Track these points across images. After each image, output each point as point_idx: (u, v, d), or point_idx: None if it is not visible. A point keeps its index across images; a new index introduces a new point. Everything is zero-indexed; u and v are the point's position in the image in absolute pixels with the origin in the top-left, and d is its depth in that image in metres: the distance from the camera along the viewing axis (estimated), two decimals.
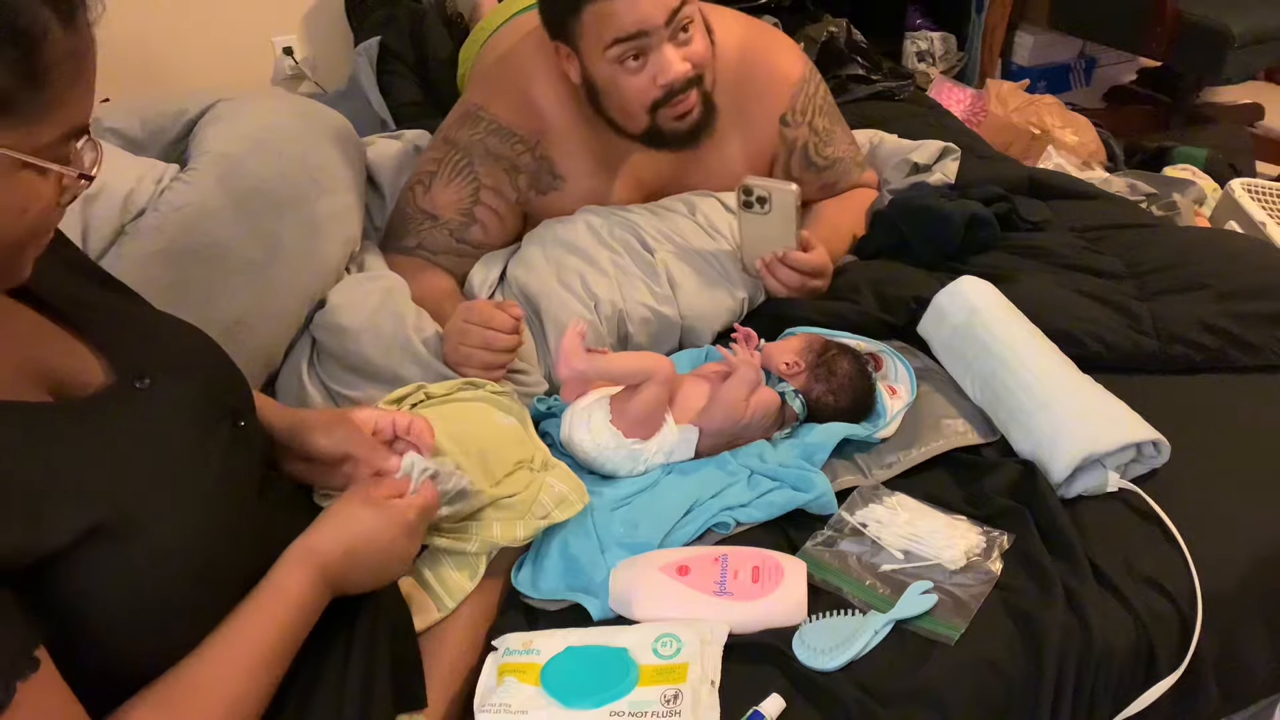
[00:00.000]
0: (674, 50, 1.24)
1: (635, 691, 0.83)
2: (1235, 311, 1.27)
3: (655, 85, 1.25)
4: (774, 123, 1.45)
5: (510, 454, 0.99)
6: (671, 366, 1.11)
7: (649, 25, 1.21)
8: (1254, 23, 2.52)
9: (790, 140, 1.46)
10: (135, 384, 0.73)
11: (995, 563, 0.98)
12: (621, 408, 1.08)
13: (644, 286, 1.30)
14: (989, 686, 0.90)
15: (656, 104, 1.27)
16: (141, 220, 1.13)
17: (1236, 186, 1.84)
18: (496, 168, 1.36)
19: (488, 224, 1.38)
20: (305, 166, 1.23)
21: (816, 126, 1.48)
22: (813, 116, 1.47)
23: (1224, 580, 0.99)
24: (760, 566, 0.94)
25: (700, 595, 0.92)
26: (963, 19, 2.85)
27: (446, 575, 0.93)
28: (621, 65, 1.24)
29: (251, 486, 0.78)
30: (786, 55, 1.47)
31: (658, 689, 0.82)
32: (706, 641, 0.88)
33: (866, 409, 1.17)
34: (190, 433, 0.73)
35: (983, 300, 1.23)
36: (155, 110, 1.28)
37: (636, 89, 1.25)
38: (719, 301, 1.33)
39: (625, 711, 0.81)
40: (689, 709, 0.81)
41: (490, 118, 1.36)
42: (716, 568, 0.94)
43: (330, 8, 2.25)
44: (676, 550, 0.98)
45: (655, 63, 1.23)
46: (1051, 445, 1.06)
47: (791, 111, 1.45)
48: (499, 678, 0.86)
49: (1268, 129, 2.91)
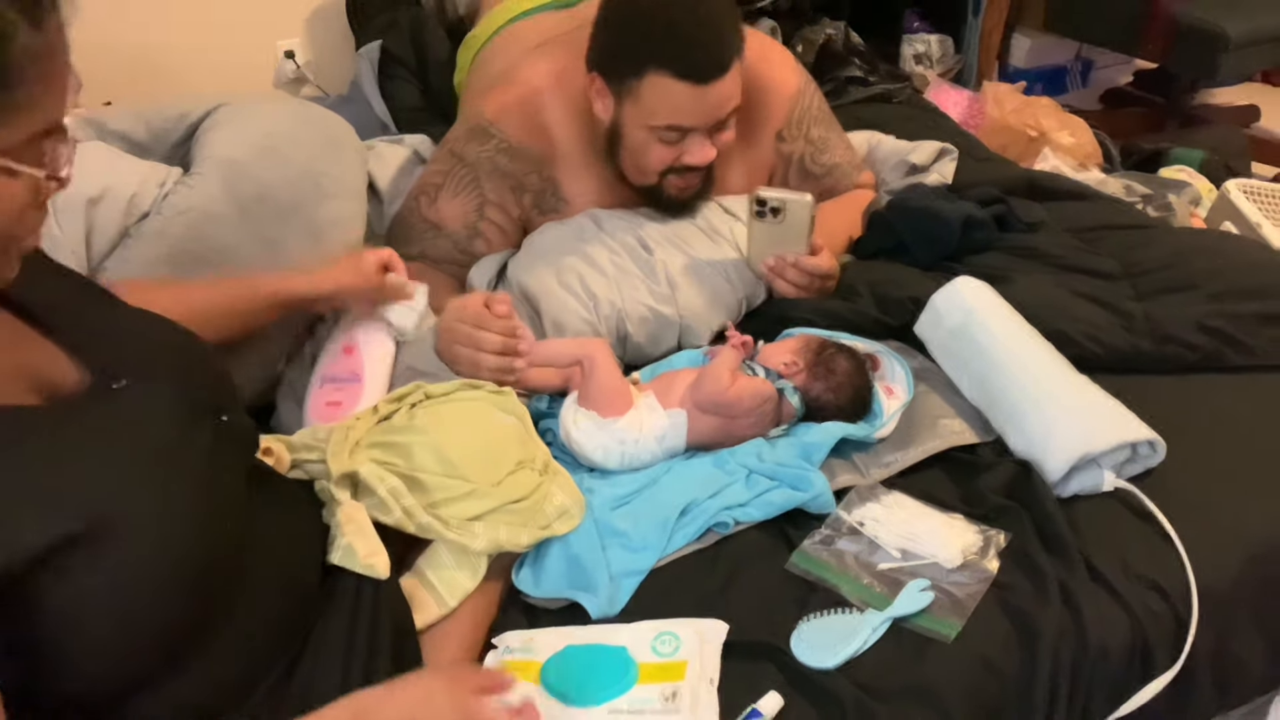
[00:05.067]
0: (709, 139, 1.27)
1: (635, 689, 0.84)
2: (1230, 312, 1.28)
3: (679, 160, 1.28)
4: (771, 139, 1.46)
5: (511, 453, 1.00)
6: (604, 342, 1.18)
7: (703, 123, 1.24)
8: (1250, 25, 2.52)
9: (787, 154, 1.47)
10: (111, 385, 0.72)
11: (992, 561, 0.99)
12: (584, 391, 1.12)
13: (643, 286, 1.31)
14: (985, 684, 0.90)
15: (669, 170, 1.30)
16: (145, 223, 1.13)
17: (1232, 188, 1.85)
18: (503, 185, 1.37)
19: (491, 238, 1.39)
20: (309, 172, 1.23)
21: (812, 137, 1.48)
22: (809, 128, 1.48)
23: (1219, 578, 1.00)
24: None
25: None
26: (960, 22, 2.86)
27: (447, 574, 0.93)
28: (658, 138, 1.26)
29: (238, 483, 0.78)
30: (781, 69, 1.47)
31: (657, 686, 0.83)
32: (705, 640, 0.88)
33: (865, 407, 1.17)
34: (170, 432, 0.72)
35: (979, 301, 1.23)
36: (158, 113, 1.29)
37: (659, 158, 1.29)
38: (718, 301, 1.34)
39: (625, 709, 0.82)
40: (688, 706, 0.82)
41: (501, 136, 1.36)
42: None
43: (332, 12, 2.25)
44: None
45: (690, 145, 1.27)
46: (1047, 444, 1.07)
47: (788, 126, 1.46)
48: None
49: (1263, 130, 2.92)
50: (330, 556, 0.86)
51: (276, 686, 0.78)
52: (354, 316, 1.21)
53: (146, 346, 0.79)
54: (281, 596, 0.80)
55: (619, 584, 0.97)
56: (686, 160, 1.28)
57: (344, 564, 0.85)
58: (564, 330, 1.28)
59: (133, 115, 1.29)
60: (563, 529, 1.00)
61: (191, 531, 0.69)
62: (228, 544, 0.73)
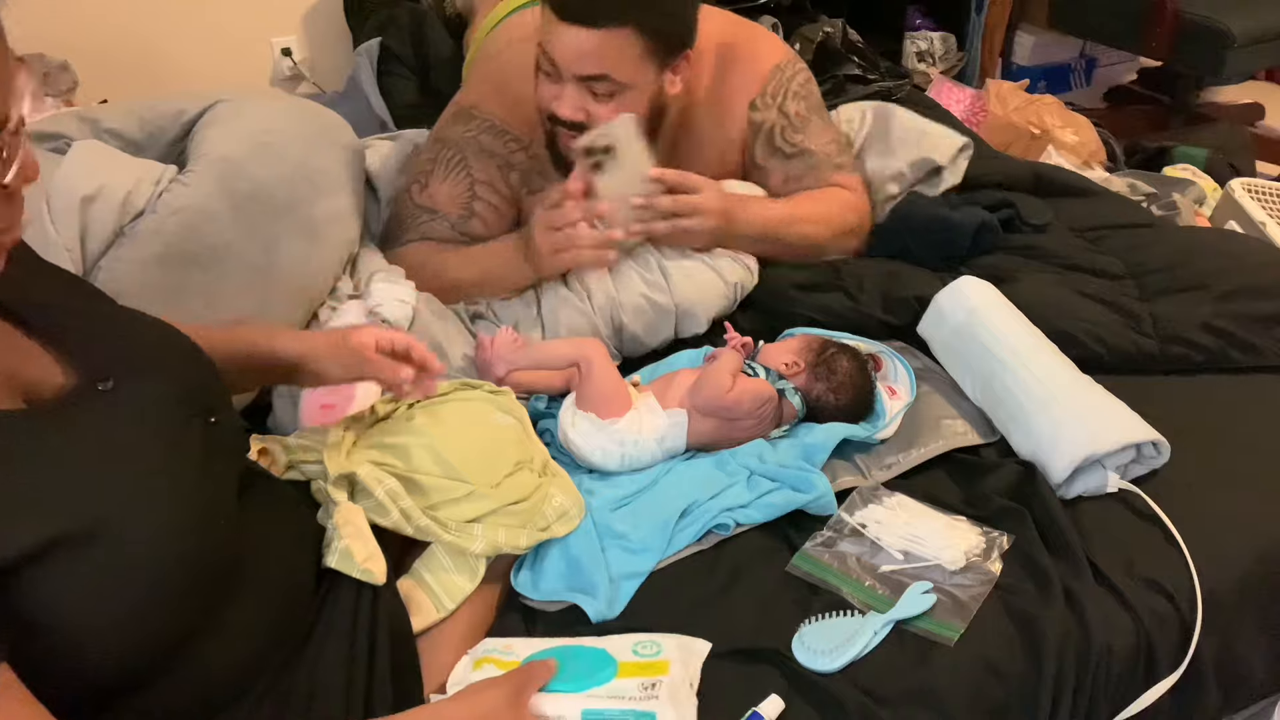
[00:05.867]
0: (581, 96, 1.24)
1: (614, 681, 0.81)
2: (1235, 312, 1.27)
3: (550, 106, 1.27)
4: (745, 109, 1.44)
5: (510, 454, 0.99)
6: (600, 343, 1.17)
7: (563, 63, 1.22)
8: (1254, 23, 2.52)
9: (757, 124, 1.44)
10: (98, 386, 0.71)
11: (995, 563, 0.98)
12: (582, 393, 1.11)
13: (636, 276, 1.31)
14: (988, 687, 0.89)
15: (553, 118, 1.28)
16: (140, 222, 1.12)
17: (1236, 186, 1.84)
18: (490, 164, 1.37)
19: (486, 217, 1.39)
20: (304, 169, 1.22)
21: (787, 110, 1.45)
22: (784, 101, 1.45)
23: (1224, 581, 0.99)
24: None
25: None
26: (963, 19, 2.85)
27: (445, 576, 0.92)
28: (541, 67, 1.26)
29: (228, 484, 0.77)
30: (764, 44, 1.46)
31: (636, 679, 0.81)
32: (688, 650, 0.87)
33: (867, 408, 1.17)
34: (158, 433, 0.71)
35: (983, 301, 1.22)
36: (154, 111, 1.28)
37: (541, 94, 1.28)
38: (711, 287, 1.33)
39: (603, 695, 0.80)
40: (667, 696, 0.79)
41: (483, 116, 1.37)
42: None
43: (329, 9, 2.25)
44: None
45: (561, 91, 1.25)
46: (1051, 446, 1.06)
47: (762, 95, 1.44)
48: (475, 666, 0.86)
49: (1268, 129, 2.91)
50: (326, 560, 0.85)
51: (273, 688, 0.77)
52: (346, 316, 1.21)
53: (135, 346, 0.77)
54: (275, 597, 0.79)
55: (619, 586, 0.96)
56: (555, 108, 1.26)
57: (341, 568, 0.84)
58: (559, 323, 1.28)
59: (128, 113, 1.28)
60: (562, 531, 0.99)
61: (179, 535, 0.68)
62: (218, 546, 0.72)
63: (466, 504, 0.94)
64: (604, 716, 0.78)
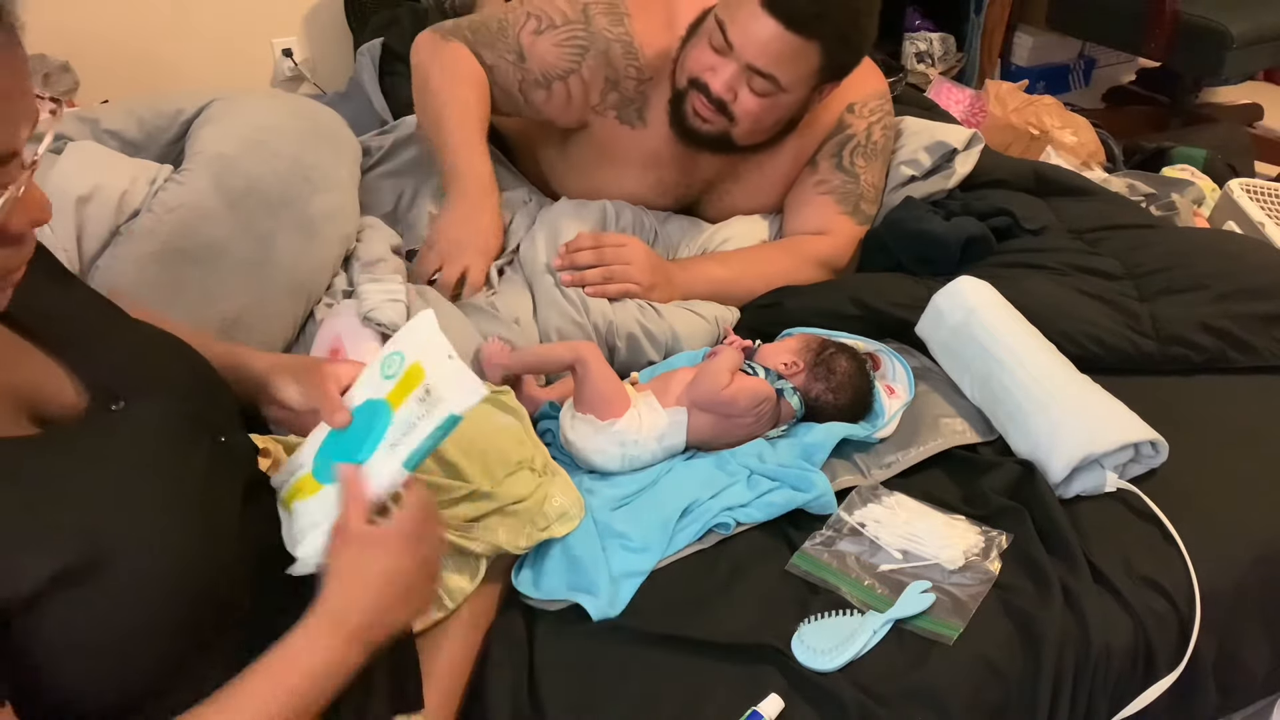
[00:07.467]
0: (739, 80, 1.25)
1: (396, 415, 0.78)
2: (1234, 312, 1.28)
3: (704, 74, 1.27)
4: (841, 106, 1.43)
5: (510, 454, 0.99)
6: (594, 345, 1.17)
7: (741, 45, 1.22)
8: (1253, 23, 2.52)
9: (844, 125, 1.45)
10: (110, 407, 0.70)
11: (994, 562, 0.99)
12: (580, 395, 1.11)
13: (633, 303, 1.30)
14: (988, 686, 0.90)
15: (695, 83, 1.28)
16: (136, 221, 1.12)
17: (1235, 187, 1.84)
18: (600, 72, 1.36)
19: (556, 98, 1.38)
20: (299, 165, 1.22)
21: (872, 133, 1.46)
22: (874, 122, 1.46)
23: (1222, 580, 0.99)
24: None
25: None
26: (961, 20, 2.86)
27: (446, 576, 0.93)
28: (709, 35, 1.26)
29: (233, 505, 0.76)
30: (873, 67, 1.48)
31: (410, 399, 0.77)
32: (417, 332, 0.81)
33: (866, 407, 1.17)
34: (166, 455, 0.71)
35: (981, 300, 1.23)
36: (152, 111, 1.28)
37: (697, 59, 1.28)
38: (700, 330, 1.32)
39: (399, 437, 0.76)
40: (444, 389, 0.76)
41: (628, 29, 1.35)
42: None
43: (330, 9, 2.25)
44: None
45: (720, 66, 1.25)
46: (1050, 445, 1.07)
47: (863, 103, 1.45)
48: (286, 508, 0.81)
49: (1267, 129, 2.91)
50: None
51: None
52: (339, 317, 1.20)
53: (147, 362, 0.77)
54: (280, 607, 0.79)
55: (620, 585, 0.97)
56: (708, 79, 1.26)
57: None
58: (549, 328, 1.27)
59: (127, 114, 1.28)
60: (562, 531, 0.99)
61: (186, 559, 0.68)
62: (223, 567, 0.72)
63: (467, 504, 0.94)
64: (420, 451, 0.76)
